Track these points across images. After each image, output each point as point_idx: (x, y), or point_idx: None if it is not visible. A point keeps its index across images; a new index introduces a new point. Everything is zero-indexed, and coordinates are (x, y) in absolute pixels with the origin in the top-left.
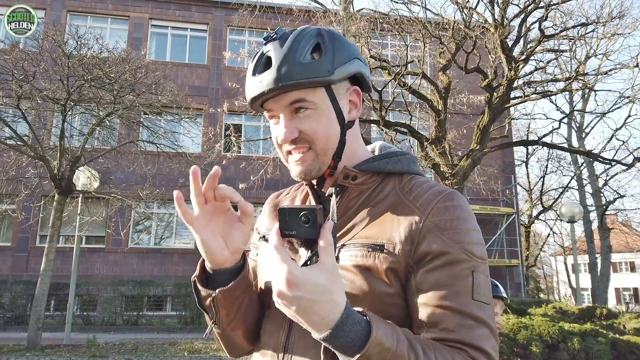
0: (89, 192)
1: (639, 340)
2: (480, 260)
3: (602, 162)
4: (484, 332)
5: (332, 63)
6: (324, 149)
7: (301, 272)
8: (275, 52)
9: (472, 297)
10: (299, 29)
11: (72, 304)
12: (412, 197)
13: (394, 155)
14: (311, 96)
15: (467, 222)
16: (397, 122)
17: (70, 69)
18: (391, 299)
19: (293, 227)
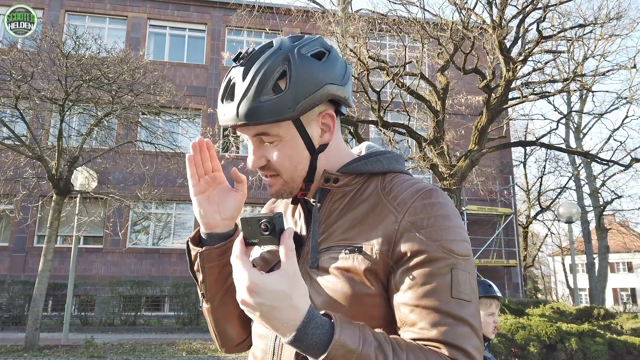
0: (87, 192)
1: (636, 340)
2: (461, 257)
3: (600, 163)
4: (463, 330)
5: (295, 98)
6: (292, 177)
7: (261, 279)
8: (238, 84)
9: (451, 295)
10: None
11: (70, 304)
12: (390, 197)
13: (374, 155)
14: (275, 130)
15: (445, 219)
16: (395, 123)
17: (69, 69)
18: (372, 299)
19: (255, 236)
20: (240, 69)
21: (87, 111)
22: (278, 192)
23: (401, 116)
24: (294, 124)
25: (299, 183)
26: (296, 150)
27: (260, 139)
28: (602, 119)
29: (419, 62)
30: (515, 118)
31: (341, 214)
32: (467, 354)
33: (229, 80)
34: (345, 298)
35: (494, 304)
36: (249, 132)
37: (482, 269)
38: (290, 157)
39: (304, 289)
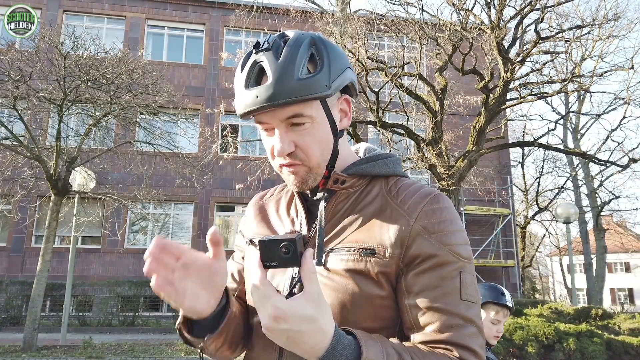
0: (85, 192)
1: (634, 340)
2: (467, 260)
3: (598, 163)
4: (471, 331)
5: (329, 77)
6: (318, 162)
7: (287, 305)
8: (270, 65)
9: (460, 297)
10: (292, 38)
11: (68, 304)
12: (399, 201)
13: (380, 157)
14: (308, 110)
15: (453, 224)
16: (393, 123)
17: (67, 70)
18: (383, 301)
19: (274, 258)
20: (267, 53)
21: (85, 111)
22: (303, 180)
23: (400, 116)
24: (322, 106)
25: (323, 169)
26: (325, 133)
27: (289, 123)
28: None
29: (418, 62)
30: (513, 119)
31: (345, 215)
32: (475, 353)
33: (254, 65)
34: (356, 299)
35: (501, 312)
36: (281, 115)
37: (480, 270)
38: (320, 141)
39: (329, 310)
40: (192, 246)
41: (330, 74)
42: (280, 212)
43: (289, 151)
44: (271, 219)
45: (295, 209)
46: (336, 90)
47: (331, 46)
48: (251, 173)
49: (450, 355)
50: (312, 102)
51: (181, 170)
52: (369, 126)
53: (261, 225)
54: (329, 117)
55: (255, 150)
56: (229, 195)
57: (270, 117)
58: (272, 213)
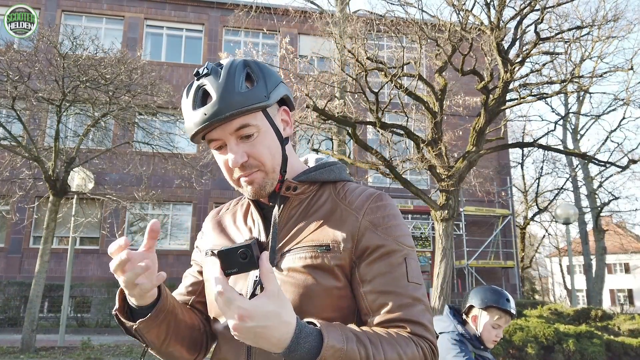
0: (84, 193)
1: (634, 341)
2: (410, 248)
3: (597, 164)
4: (420, 308)
5: (266, 89)
6: (272, 167)
7: (251, 304)
8: (213, 85)
9: (408, 280)
10: (227, 62)
11: (66, 305)
12: (347, 202)
13: (328, 165)
14: (253, 120)
15: (395, 218)
16: (393, 124)
17: (66, 70)
18: (340, 291)
19: (234, 265)
20: (208, 77)
21: (84, 112)
22: (261, 187)
23: (399, 117)
24: (265, 116)
25: (278, 173)
26: (272, 140)
27: (238, 135)
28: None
29: (417, 63)
30: (513, 119)
31: (299, 218)
32: (425, 327)
33: (197, 88)
34: (316, 292)
35: (503, 318)
36: (230, 129)
37: (479, 270)
38: (269, 147)
39: (289, 304)
40: (190, 247)
41: (267, 87)
42: (237, 223)
43: (242, 161)
44: (229, 231)
45: (252, 218)
46: (274, 101)
47: (263, 66)
48: None
49: (404, 332)
50: (256, 113)
51: (180, 171)
52: (368, 127)
53: (220, 237)
54: (272, 125)
55: None
56: (228, 195)
57: (220, 133)
58: (230, 225)
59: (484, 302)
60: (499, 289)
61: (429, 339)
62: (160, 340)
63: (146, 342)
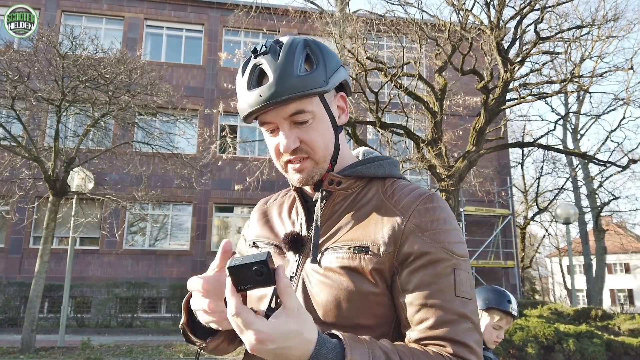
0: (84, 193)
1: (634, 341)
2: (461, 258)
3: (597, 164)
4: (467, 327)
5: (326, 73)
6: (323, 156)
7: (269, 327)
8: (270, 66)
9: (455, 293)
10: (287, 41)
11: (66, 305)
12: (394, 200)
13: (377, 160)
14: (309, 106)
15: (446, 223)
16: (393, 124)
17: (65, 70)
18: (377, 298)
19: (247, 281)
20: (266, 56)
21: (83, 112)
22: (309, 175)
23: (399, 117)
24: (322, 101)
25: (328, 163)
26: (326, 127)
27: (292, 120)
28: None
29: (417, 63)
30: (513, 119)
31: (342, 215)
32: (470, 348)
33: (254, 68)
34: (351, 296)
35: (505, 319)
36: (284, 113)
37: (480, 270)
38: (323, 135)
39: (310, 319)
40: (190, 247)
41: (326, 71)
42: (282, 215)
43: (294, 147)
44: (274, 222)
45: (297, 211)
46: (333, 86)
47: (324, 47)
48: (250, 174)
49: (444, 352)
50: (313, 98)
51: (180, 171)
52: (368, 126)
53: (264, 229)
54: (328, 112)
55: (254, 151)
56: (228, 196)
57: (274, 116)
58: (275, 216)
59: (485, 303)
60: (501, 289)
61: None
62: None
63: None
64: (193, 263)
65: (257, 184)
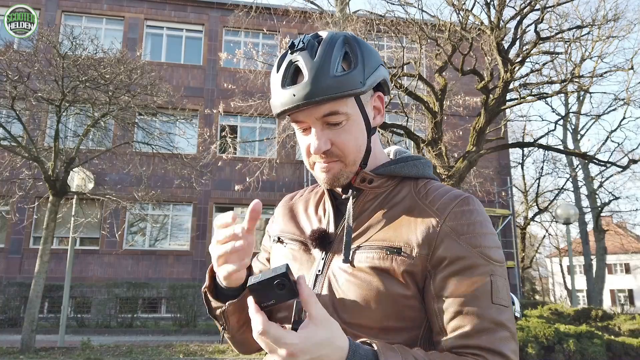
0: (84, 193)
1: (634, 341)
2: (498, 263)
3: (598, 164)
4: (503, 335)
5: (363, 74)
6: (354, 160)
7: (299, 338)
8: (306, 64)
9: (492, 301)
10: (326, 37)
11: (66, 306)
12: (428, 201)
13: (411, 159)
14: (343, 107)
15: (483, 226)
16: (393, 124)
17: (65, 70)
18: (407, 301)
19: (270, 297)
20: (303, 52)
21: (83, 112)
22: (335, 177)
23: (399, 117)
24: (357, 103)
25: (357, 167)
26: (360, 130)
27: (325, 121)
28: (599, 120)
29: (417, 63)
30: (513, 119)
31: (373, 214)
32: (506, 358)
33: (289, 65)
34: (380, 297)
35: None
36: (317, 113)
37: None
38: (356, 138)
39: (338, 326)
40: (191, 247)
41: (364, 71)
42: (308, 210)
43: (326, 149)
44: (299, 218)
45: (324, 207)
46: (370, 87)
47: (364, 44)
48: (250, 174)
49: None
50: (348, 99)
51: (180, 171)
52: None
53: (290, 224)
54: (363, 114)
55: (254, 151)
56: (228, 196)
57: (306, 116)
58: (301, 212)
59: None
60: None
61: None
62: (239, 325)
63: (227, 325)
64: (193, 263)
65: (257, 184)
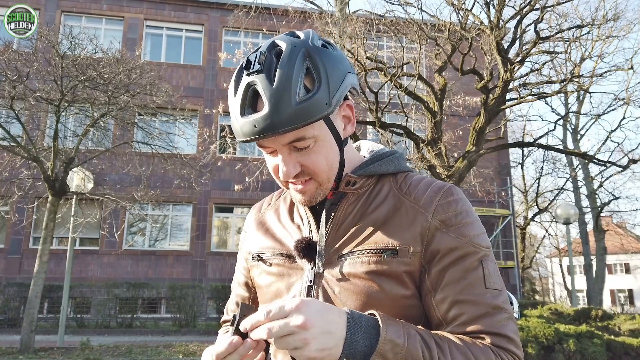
0: (83, 193)
1: (634, 341)
2: (486, 249)
3: (597, 164)
4: (501, 317)
5: (329, 93)
6: (327, 178)
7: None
8: (265, 91)
9: (485, 286)
10: (284, 54)
11: (66, 306)
12: (412, 198)
13: (385, 155)
14: (310, 131)
15: (469, 215)
16: (393, 124)
17: (64, 70)
18: (408, 300)
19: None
20: (259, 76)
21: (83, 112)
22: (312, 197)
23: (399, 117)
24: (325, 122)
25: (332, 183)
26: (330, 148)
27: (292, 146)
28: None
29: (417, 62)
30: (512, 119)
31: (357, 216)
32: (508, 338)
33: (247, 90)
34: (381, 302)
35: None
36: (282, 140)
37: None
38: (326, 157)
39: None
40: (190, 247)
41: (329, 89)
42: (282, 220)
43: (295, 173)
44: (274, 230)
45: (299, 214)
46: (338, 104)
47: (327, 55)
48: (250, 174)
49: (482, 341)
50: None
51: (179, 171)
52: (368, 126)
53: (266, 239)
54: (332, 131)
55: (254, 151)
56: (228, 196)
57: (271, 142)
58: (275, 223)
59: None
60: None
61: (512, 351)
62: None
63: None
64: (193, 263)
65: (256, 184)
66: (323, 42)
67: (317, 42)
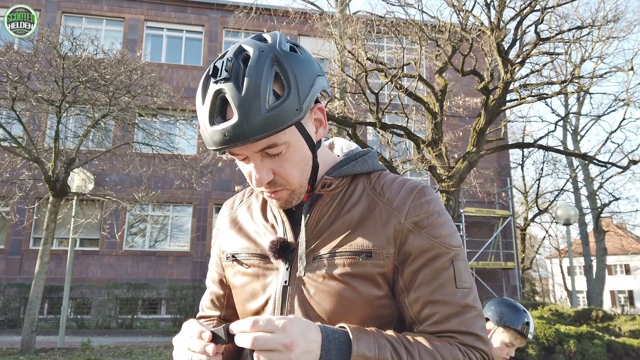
0: (84, 194)
1: (635, 342)
2: (457, 248)
3: (598, 165)
4: (470, 316)
5: (299, 98)
6: (300, 184)
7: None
8: (234, 100)
9: (456, 285)
10: (252, 60)
11: (66, 307)
12: (386, 199)
13: (359, 155)
14: (281, 138)
15: (440, 215)
16: (393, 125)
17: (65, 70)
18: (382, 300)
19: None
20: (227, 84)
21: (84, 113)
22: (287, 202)
23: (399, 118)
24: (296, 127)
25: (306, 187)
26: (302, 153)
27: (264, 153)
28: (599, 121)
29: (417, 63)
30: (513, 120)
31: (331, 218)
32: (476, 336)
33: (216, 98)
34: (356, 302)
35: (519, 339)
36: (255, 148)
37: (480, 272)
38: (297, 163)
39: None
40: (191, 248)
41: (299, 95)
42: (255, 219)
43: (268, 180)
44: (248, 229)
45: (272, 212)
46: (308, 109)
47: (295, 59)
48: None
49: (453, 341)
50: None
51: (180, 172)
52: (368, 127)
53: (240, 238)
54: (304, 135)
55: None
56: (228, 197)
57: (243, 150)
58: (248, 222)
59: (502, 320)
60: (520, 307)
61: (480, 348)
62: None
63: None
64: (193, 264)
65: None
66: (291, 45)
67: (285, 45)
